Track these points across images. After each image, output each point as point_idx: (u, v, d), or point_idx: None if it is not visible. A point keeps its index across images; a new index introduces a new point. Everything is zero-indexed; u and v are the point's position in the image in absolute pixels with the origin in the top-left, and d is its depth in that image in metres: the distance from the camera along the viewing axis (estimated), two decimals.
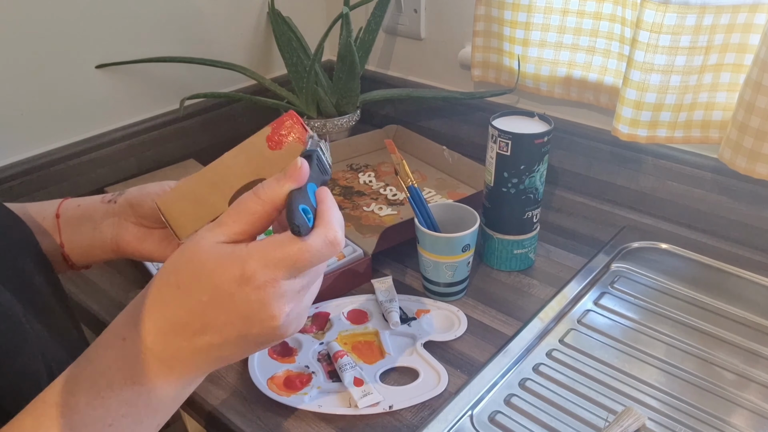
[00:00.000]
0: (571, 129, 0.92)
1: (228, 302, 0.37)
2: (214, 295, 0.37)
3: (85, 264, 0.59)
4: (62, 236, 0.58)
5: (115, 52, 0.93)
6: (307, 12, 1.16)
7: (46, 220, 0.59)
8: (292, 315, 0.38)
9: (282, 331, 0.38)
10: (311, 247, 0.37)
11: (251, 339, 0.38)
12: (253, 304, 0.37)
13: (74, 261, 0.58)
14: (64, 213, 0.59)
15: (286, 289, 0.37)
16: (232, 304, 0.37)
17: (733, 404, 0.62)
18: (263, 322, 0.37)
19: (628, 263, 0.81)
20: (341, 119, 1.05)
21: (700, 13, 0.71)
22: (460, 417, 0.59)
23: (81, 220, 0.58)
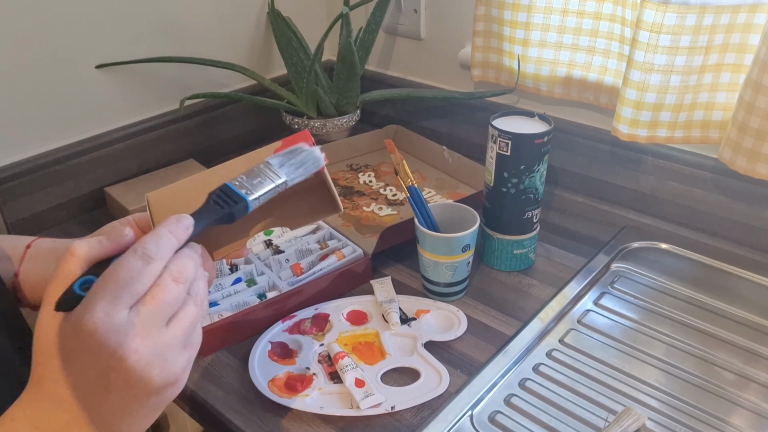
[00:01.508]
0: (571, 129, 0.92)
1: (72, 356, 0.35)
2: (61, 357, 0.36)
3: (36, 302, 0.57)
4: (22, 266, 0.57)
5: (115, 52, 0.93)
6: (307, 12, 1.16)
7: (16, 248, 0.58)
8: (146, 352, 0.35)
9: (142, 374, 0.36)
10: (120, 261, 0.36)
11: (120, 392, 0.36)
12: (91, 348, 0.35)
13: (25, 294, 0.57)
14: (35, 246, 0.58)
15: (117, 321, 0.35)
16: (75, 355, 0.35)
17: (733, 404, 0.62)
18: (113, 367, 0.35)
19: (628, 263, 0.81)
20: (341, 119, 1.05)
21: (700, 13, 0.71)
22: (460, 417, 0.59)
23: (47, 257, 0.57)
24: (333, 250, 0.78)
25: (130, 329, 0.35)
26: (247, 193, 0.43)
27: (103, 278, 0.35)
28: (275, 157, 0.46)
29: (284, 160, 0.46)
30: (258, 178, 0.44)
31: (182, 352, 0.38)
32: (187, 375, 0.39)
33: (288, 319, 0.70)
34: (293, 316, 0.70)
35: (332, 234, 0.81)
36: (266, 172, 0.44)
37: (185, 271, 0.38)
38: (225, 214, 0.42)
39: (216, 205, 0.42)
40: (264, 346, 0.67)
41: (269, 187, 0.44)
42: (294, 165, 0.46)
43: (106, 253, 0.38)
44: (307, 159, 0.46)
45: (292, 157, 0.46)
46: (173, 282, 0.37)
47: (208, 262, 0.49)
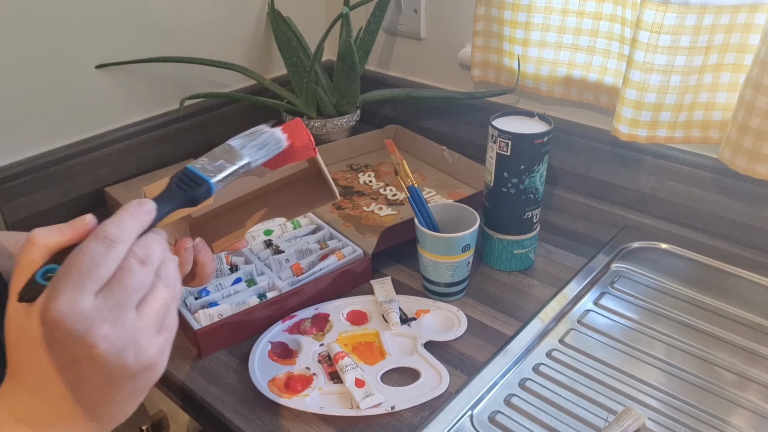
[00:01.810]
0: (571, 129, 0.92)
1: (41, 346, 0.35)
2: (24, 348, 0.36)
3: None
4: None
5: (115, 52, 0.93)
6: (307, 12, 1.16)
7: (18, 244, 0.58)
8: (117, 337, 0.35)
9: (116, 359, 0.35)
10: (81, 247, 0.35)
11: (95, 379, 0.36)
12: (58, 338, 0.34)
13: None
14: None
15: (82, 309, 0.34)
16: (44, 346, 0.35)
17: (733, 404, 0.62)
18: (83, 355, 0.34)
19: (628, 263, 0.81)
20: (341, 119, 1.05)
21: (700, 13, 0.71)
22: (460, 417, 0.59)
23: None
24: (333, 250, 0.78)
25: (97, 316, 0.34)
26: (210, 175, 0.42)
27: (65, 266, 0.34)
28: (236, 139, 0.45)
29: (245, 142, 0.45)
30: (220, 161, 0.43)
31: (156, 335, 0.37)
32: (165, 358, 0.39)
33: (288, 319, 0.70)
34: (293, 316, 0.70)
35: (332, 234, 0.81)
36: (228, 154, 0.44)
37: (151, 253, 0.37)
38: (188, 198, 0.41)
39: (178, 188, 0.41)
40: (264, 346, 0.67)
41: (232, 169, 0.43)
42: (256, 146, 0.45)
43: (68, 241, 0.37)
44: (269, 140, 0.46)
45: (253, 138, 0.46)
46: (139, 264, 0.36)
47: (208, 254, 0.49)
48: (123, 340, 0.35)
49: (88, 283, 0.34)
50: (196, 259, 0.48)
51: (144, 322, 0.36)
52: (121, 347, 0.35)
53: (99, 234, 0.35)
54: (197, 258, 0.49)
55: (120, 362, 0.35)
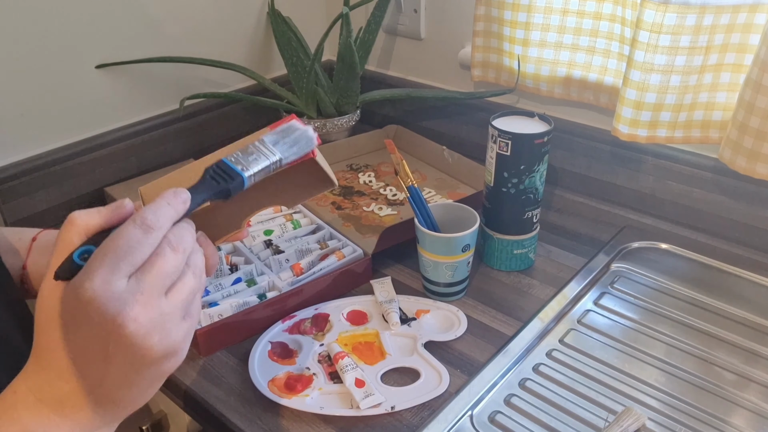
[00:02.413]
0: (571, 129, 0.92)
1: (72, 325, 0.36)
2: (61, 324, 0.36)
3: None
4: (29, 259, 0.57)
5: (115, 52, 0.93)
6: (307, 12, 1.16)
7: (22, 241, 0.58)
8: (145, 320, 0.35)
9: (143, 342, 0.36)
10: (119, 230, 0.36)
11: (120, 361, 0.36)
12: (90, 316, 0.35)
13: (33, 285, 0.57)
14: (41, 239, 0.59)
15: (116, 289, 0.35)
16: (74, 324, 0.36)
17: (733, 404, 0.62)
18: (112, 335, 0.35)
19: (628, 263, 0.81)
20: (341, 119, 1.05)
21: (700, 13, 0.71)
22: (460, 417, 0.59)
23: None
24: (333, 250, 0.78)
25: (129, 297, 0.35)
26: (243, 169, 0.43)
27: (102, 247, 0.35)
28: (270, 135, 0.46)
29: (278, 138, 0.46)
30: (253, 155, 0.44)
31: (182, 322, 0.38)
32: (187, 346, 0.39)
33: (288, 319, 0.70)
34: (293, 316, 0.70)
35: (332, 234, 0.81)
36: (261, 149, 0.45)
37: (184, 242, 0.38)
38: (221, 190, 0.42)
39: (212, 180, 0.42)
40: (264, 346, 0.67)
41: (264, 164, 0.44)
42: (288, 143, 0.46)
43: (105, 223, 0.37)
44: (301, 138, 0.46)
45: (286, 135, 0.46)
46: (172, 252, 0.37)
47: (210, 247, 0.50)
48: (151, 324, 0.36)
49: (123, 265, 0.35)
50: None
51: (172, 307, 0.37)
52: (149, 330, 0.36)
53: (137, 219, 0.36)
54: None
55: (146, 345, 0.36)
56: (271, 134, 0.46)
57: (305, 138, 0.46)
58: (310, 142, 0.47)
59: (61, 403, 0.37)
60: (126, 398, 0.39)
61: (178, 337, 0.38)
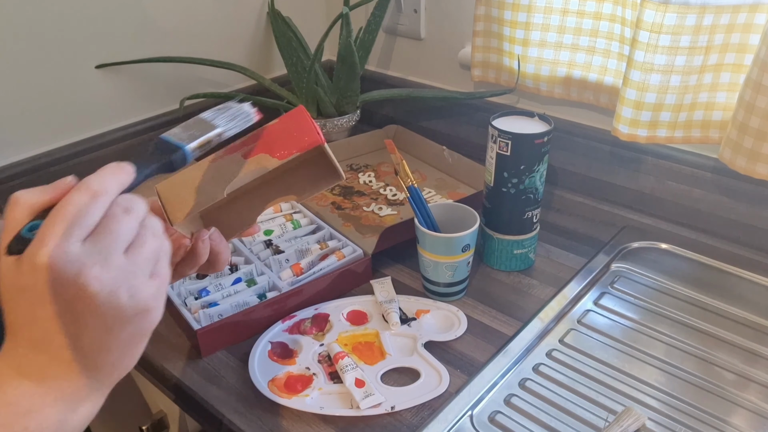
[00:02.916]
0: (571, 129, 0.92)
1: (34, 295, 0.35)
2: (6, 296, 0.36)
3: None
4: None
5: (115, 52, 0.93)
6: (307, 12, 1.16)
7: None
8: (108, 278, 0.36)
9: (110, 299, 0.36)
10: (66, 198, 0.36)
11: (92, 323, 0.36)
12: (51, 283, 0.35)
13: None
14: None
15: (71, 251, 0.35)
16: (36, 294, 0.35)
17: (733, 404, 0.62)
18: (76, 296, 0.35)
19: (628, 263, 0.81)
20: (341, 119, 1.05)
21: (700, 13, 0.71)
22: (460, 417, 0.59)
23: None
24: (333, 250, 0.78)
25: (87, 258, 0.35)
26: (184, 142, 0.44)
27: (50, 216, 0.35)
28: (207, 113, 0.48)
29: (216, 114, 0.47)
30: (192, 131, 0.45)
31: (149, 280, 0.38)
32: (160, 304, 0.39)
33: (288, 319, 0.70)
34: (293, 316, 0.70)
35: (332, 234, 0.81)
36: (200, 124, 0.46)
37: (134, 204, 0.38)
38: (165, 163, 0.43)
39: (153, 155, 0.43)
40: (264, 346, 0.67)
41: (205, 137, 0.45)
42: (226, 118, 0.47)
43: (50, 200, 0.37)
44: (238, 113, 0.48)
45: (224, 111, 0.48)
46: (124, 213, 0.37)
47: (223, 243, 0.52)
48: (115, 281, 0.36)
49: (75, 228, 0.35)
50: (212, 249, 0.51)
51: (134, 265, 0.37)
52: (114, 288, 0.36)
53: (82, 186, 0.37)
54: (213, 247, 0.51)
55: (114, 302, 0.36)
56: (209, 111, 0.48)
57: (243, 113, 0.48)
58: (248, 117, 0.48)
59: (42, 375, 0.37)
60: (107, 362, 0.39)
61: (147, 294, 0.38)
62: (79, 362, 0.38)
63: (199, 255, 0.50)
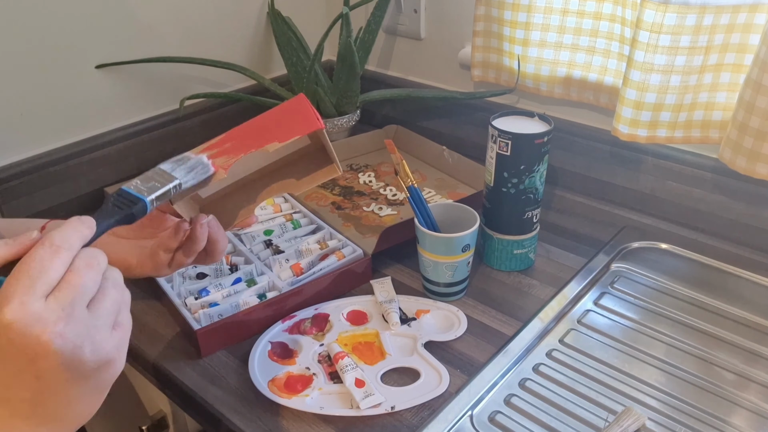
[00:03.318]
0: (571, 129, 0.92)
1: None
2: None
3: None
4: None
5: (115, 52, 0.93)
6: (307, 12, 1.16)
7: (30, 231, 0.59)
8: (72, 334, 0.35)
9: (73, 356, 0.35)
10: (29, 254, 0.36)
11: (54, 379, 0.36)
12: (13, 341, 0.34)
13: None
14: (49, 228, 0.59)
15: (35, 309, 0.34)
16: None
17: (733, 404, 0.62)
18: (40, 354, 0.34)
19: (628, 263, 0.81)
20: (341, 119, 1.05)
21: (700, 13, 0.71)
22: (460, 417, 0.59)
23: None
24: (333, 250, 0.78)
25: (50, 315, 0.35)
26: (144, 194, 0.45)
27: (14, 272, 0.35)
28: (166, 164, 0.49)
29: (175, 166, 0.49)
30: (152, 182, 0.46)
31: (112, 332, 0.38)
32: (122, 355, 0.39)
33: (288, 319, 0.70)
34: (293, 316, 0.70)
35: (332, 234, 0.81)
36: (159, 176, 0.47)
37: (96, 258, 0.38)
38: (126, 215, 0.44)
39: (114, 207, 0.44)
40: (264, 346, 0.67)
41: (164, 189, 0.46)
42: (185, 169, 0.49)
43: (13, 255, 0.37)
44: (196, 165, 0.49)
45: (182, 163, 0.49)
46: (86, 267, 0.37)
47: (220, 231, 0.52)
48: (78, 337, 0.36)
49: (38, 285, 0.35)
50: (209, 236, 0.51)
51: (97, 319, 0.37)
52: (77, 344, 0.36)
53: (45, 242, 0.36)
54: (210, 235, 0.51)
55: (77, 358, 0.36)
56: (168, 163, 0.49)
57: (201, 165, 0.49)
58: (205, 168, 0.50)
59: (3, 428, 0.37)
60: (70, 415, 0.38)
61: (110, 347, 0.38)
62: (39, 415, 0.37)
63: (197, 240, 0.51)
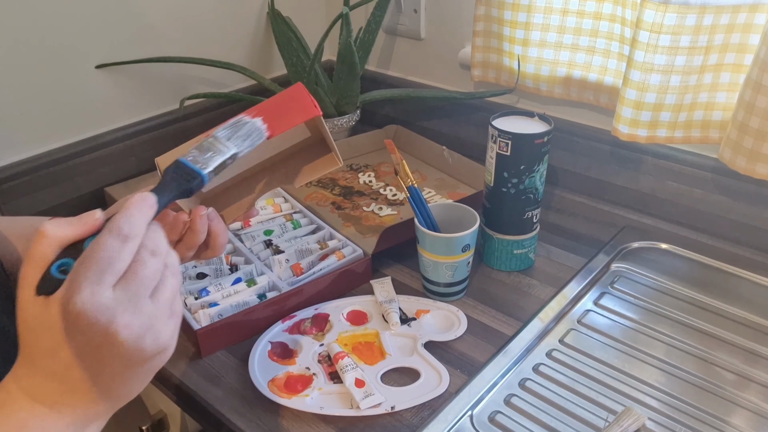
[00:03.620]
0: (571, 129, 0.92)
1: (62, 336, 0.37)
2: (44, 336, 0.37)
3: None
4: None
5: (115, 52, 0.93)
6: (307, 12, 1.16)
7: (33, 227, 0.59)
8: (136, 325, 0.37)
9: (136, 345, 0.37)
10: (97, 242, 0.36)
11: (114, 364, 0.38)
12: (82, 328, 0.36)
13: None
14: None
15: (104, 300, 0.36)
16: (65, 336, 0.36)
17: (733, 404, 0.62)
18: (105, 343, 0.36)
19: (628, 263, 0.81)
20: (341, 119, 1.05)
21: (700, 13, 0.71)
22: (460, 417, 0.59)
23: None
24: (333, 250, 0.78)
25: (118, 306, 0.36)
26: (202, 167, 0.44)
27: (83, 260, 0.36)
28: (221, 130, 0.48)
29: (230, 133, 0.48)
30: (209, 152, 0.45)
31: (168, 321, 0.40)
32: (175, 341, 0.41)
33: (288, 319, 0.70)
34: (293, 316, 0.70)
35: (332, 234, 0.81)
36: (216, 145, 0.46)
37: (160, 245, 0.39)
38: (184, 190, 0.43)
39: (173, 181, 0.43)
40: (264, 346, 0.67)
41: (221, 159, 0.45)
42: (241, 137, 0.48)
43: (77, 235, 0.38)
44: (252, 131, 0.48)
45: (238, 129, 0.48)
46: (151, 257, 0.38)
47: (221, 224, 0.53)
48: (142, 328, 0.37)
49: (106, 276, 0.36)
50: (209, 229, 0.51)
51: (158, 309, 0.39)
52: (141, 334, 0.37)
53: (113, 229, 0.37)
54: (211, 227, 0.52)
55: (139, 347, 0.38)
56: (224, 129, 0.48)
57: (256, 130, 0.48)
58: (261, 134, 0.49)
59: (57, 402, 0.38)
60: (120, 393, 0.40)
61: (167, 336, 0.39)
62: (95, 393, 0.39)
63: (197, 232, 0.51)
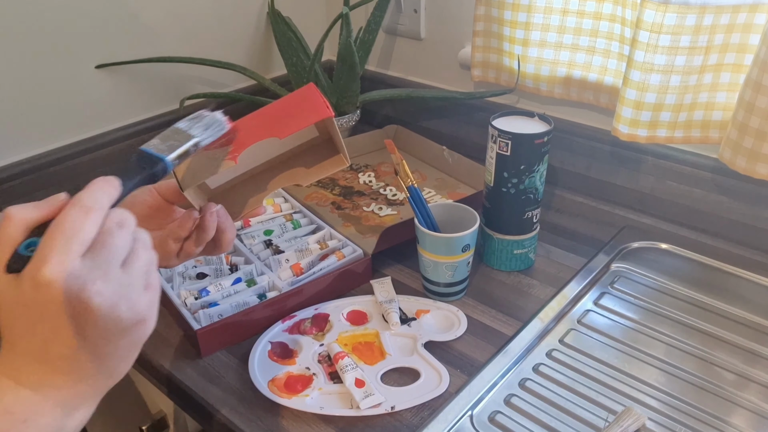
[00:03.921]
0: (571, 129, 0.92)
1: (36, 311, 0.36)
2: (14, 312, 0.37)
3: None
4: None
5: (115, 52, 0.93)
6: (307, 12, 1.16)
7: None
8: (109, 292, 0.37)
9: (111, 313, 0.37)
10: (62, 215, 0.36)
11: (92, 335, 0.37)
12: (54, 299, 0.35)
13: None
14: None
15: (73, 268, 0.35)
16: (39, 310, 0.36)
17: (733, 404, 0.62)
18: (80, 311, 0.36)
19: (628, 263, 0.81)
20: (341, 119, 1.05)
21: (700, 13, 0.71)
22: (460, 417, 0.59)
23: None
24: (333, 250, 0.78)
25: (88, 274, 0.36)
26: (164, 154, 0.45)
27: (48, 233, 0.36)
28: (182, 122, 0.49)
29: (191, 124, 0.48)
30: (170, 141, 0.46)
31: (144, 291, 0.39)
32: (154, 314, 0.41)
33: (288, 319, 0.70)
34: (293, 316, 0.70)
35: (332, 234, 0.81)
36: (177, 135, 0.47)
37: (127, 219, 0.39)
38: (148, 175, 0.44)
39: (136, 167, 0.44)
40: (264, 346, 0.67)
41: (183, 147, 0.46)
42: (201, 127, 0.48)
43: (44, 216, 0.38)
44: (211, 122, 0.49)
45: (198, 121, 0.49)
46: (118, 228, 0.38)
47: (229, 221, 0.53)
48: (116, 295, 0.37)
49: (73, 245, 0.36)
50: (218, 226, 0.52)
51: (131, 278, 0.38)
52: (115, 301, 0.37)
53: (75, 203, 0.37)
54: (219, 224, 0.52)
55: (114, 315, 0.37)
56: (183, 121, 0.49)
57: (215, 122, 0.49)
58: (221, 125, 0.49)
59: (41, 384, 0.38)
60: (104, 370, 0.40)
61: (143, 306, 0.39)
62: (77, 372, 0.39)
63: (207, 228, 0.51)
